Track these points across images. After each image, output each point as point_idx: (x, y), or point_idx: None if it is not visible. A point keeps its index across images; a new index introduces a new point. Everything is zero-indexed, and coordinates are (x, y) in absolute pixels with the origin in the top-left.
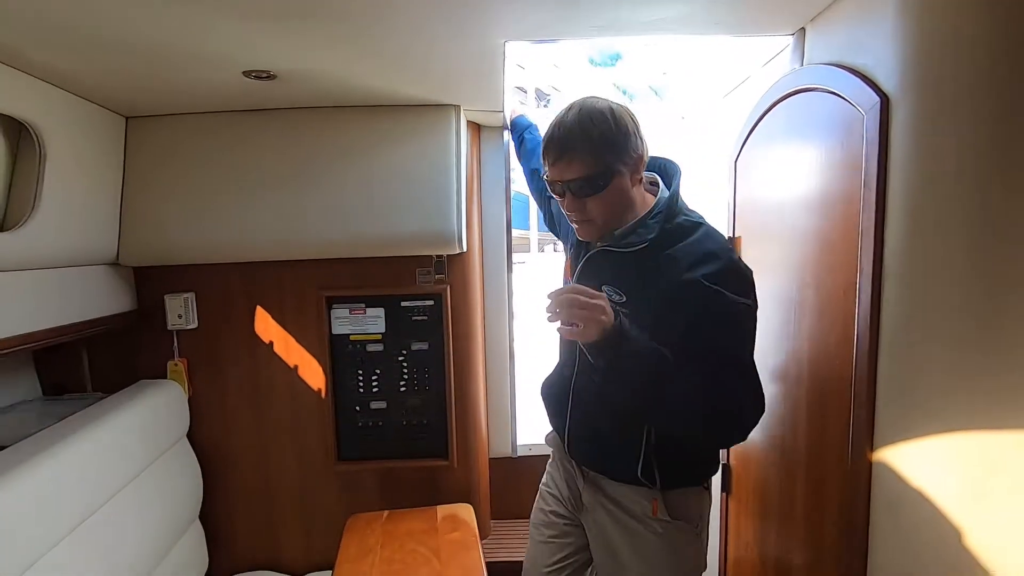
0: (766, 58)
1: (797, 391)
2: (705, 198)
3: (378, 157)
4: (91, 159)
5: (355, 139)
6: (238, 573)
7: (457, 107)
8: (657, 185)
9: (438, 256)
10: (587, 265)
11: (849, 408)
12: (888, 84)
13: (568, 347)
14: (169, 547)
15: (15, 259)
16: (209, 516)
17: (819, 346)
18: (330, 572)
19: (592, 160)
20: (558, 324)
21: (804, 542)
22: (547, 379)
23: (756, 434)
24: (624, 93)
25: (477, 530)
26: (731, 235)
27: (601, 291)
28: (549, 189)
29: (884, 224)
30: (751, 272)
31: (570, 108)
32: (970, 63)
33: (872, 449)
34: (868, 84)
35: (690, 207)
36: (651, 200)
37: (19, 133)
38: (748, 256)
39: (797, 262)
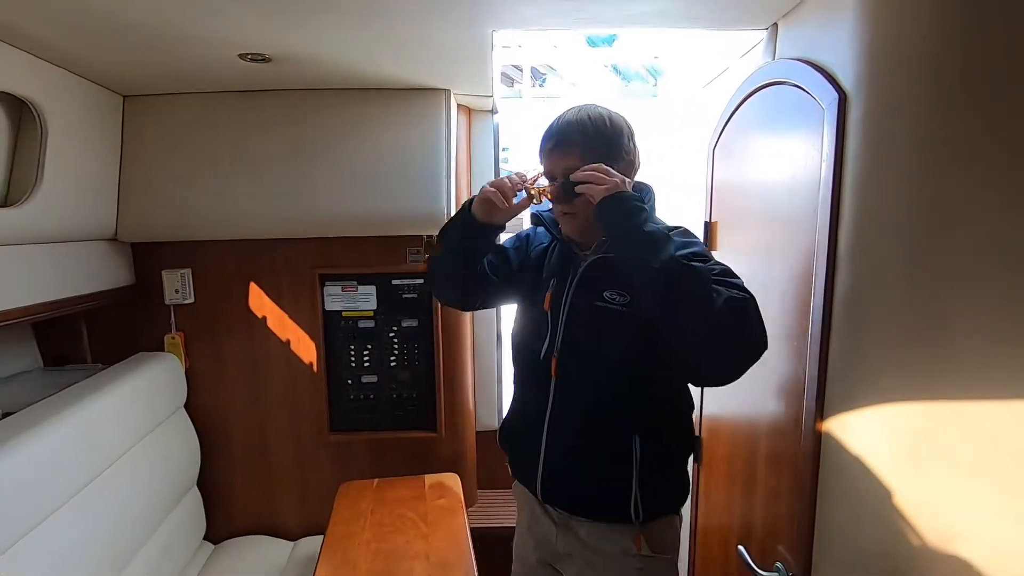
0: (743, 51)
1: (763, 368)
2: (685, 186)
3: (370, 139)
4: (90, 137)
5: (348, 121)
6: (235, 536)
7: (447, 91)
8: None
9: (428, 236)
10: (582, 280)
11: (803, 383)
12: (847, 81)
13: (538, 381)
14: (168, 511)
15: (18, 233)
16: (207, 483)
17: (782, 324)
18: (323, 536)
19: (586, 152)
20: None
21: (764, 504)
22: (508, 423)
23: (727, 408)
24: (619, 73)
25: (463, 497)
26: (707, 219)
27: (603, 298)
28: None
29: (839, 213)
30: None
31: (571, 108)
32: (918, 66)
33: (822, 420)
34: (829, 80)
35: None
36: None
37: (20, 112)
38: (723, 240)
39: (766, 246)
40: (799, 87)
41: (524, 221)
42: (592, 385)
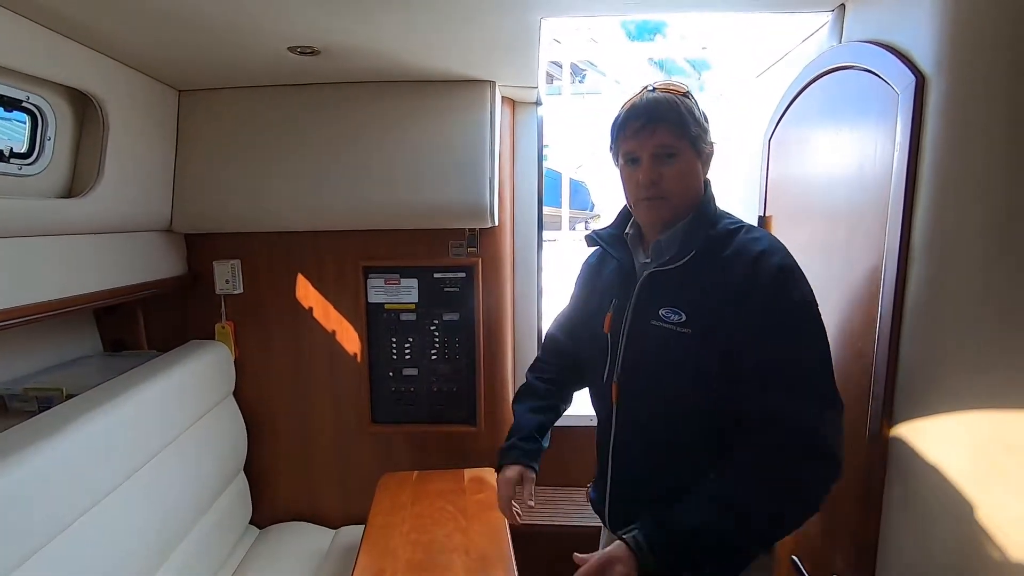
0: (802, 36)
1: None
2: (736, 181)
3: (415, 132)
4: (148, 131)
5: (393, 114)
6: (279, 522)
7: (492, 83)
8: None
9: (471, 229)
10: (638, 296)
11: (870, 384)
12: (925, 63)
13: (602, 406)
14: (216, 495)
15: (82, 223)
16: (253, 469)
17: (843, 324)
18: (364, 526)
19: (679, 130)
20: None
21: (821, 513)
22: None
23: None
24: (661, 68)
25: None
26: (762, 214)
27: (659, 316)
28: (622, 160)
29: (913, 207)
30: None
31: (648, 89)
32: (1007, 44)
33: (891, 425)
34: (905, 63)
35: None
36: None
37: (84, 108)
38: (778, 236)
39: (826, 242)
40: (870, 71)
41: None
42: (654, 417)
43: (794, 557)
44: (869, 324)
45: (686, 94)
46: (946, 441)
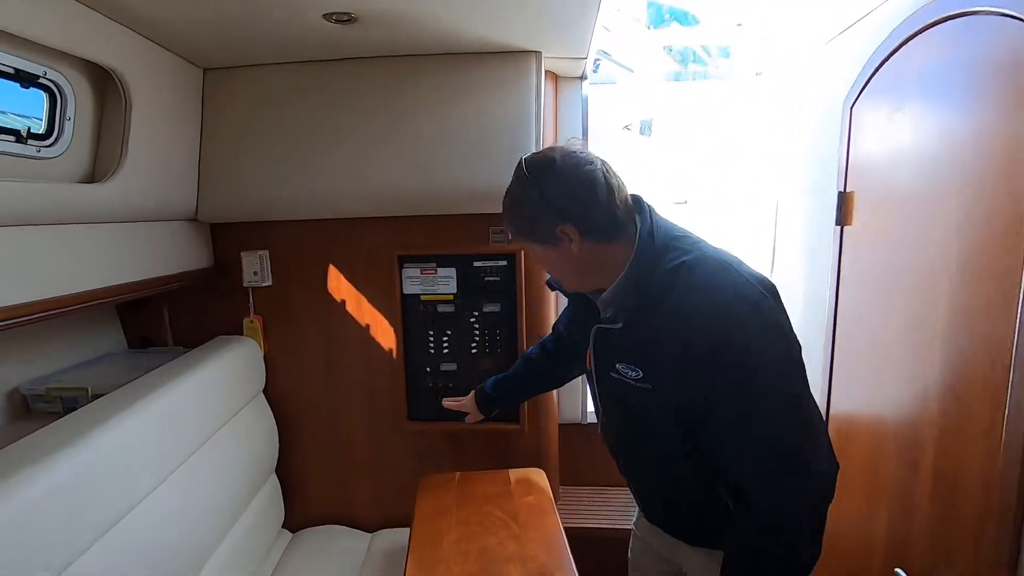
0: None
1: (926, 365)
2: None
3: (454, 109)
4: (171, 112)
5: (431, 90)
6: (312, 526)
7: (538, 54)
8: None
9: None
10: (595, 346)
11: (1000, 380)
12: None
13: (605, 432)
14: (250, 498)
15: (104, 211)
16: (285, 470)
17: (959, 307)
18: (401, 529)
19: (515, 233)
20: None
21: (931, 524)
22: None
23: (870, 408)
24: (677, 56)
25: (552, 496)
26: (842, 190)
27: (617, 370)
28: None
29: None
30: (764, 293)
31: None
32: None
33: None
34: None
35: (673, 231)
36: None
37: (104, 87)
38: (861, 217)
39: (935, 216)
40: (1007, 15)
41: None
42: (646, 454)
43: (899, 571)
44: (997, 307)
45: (514, 187)
46: None
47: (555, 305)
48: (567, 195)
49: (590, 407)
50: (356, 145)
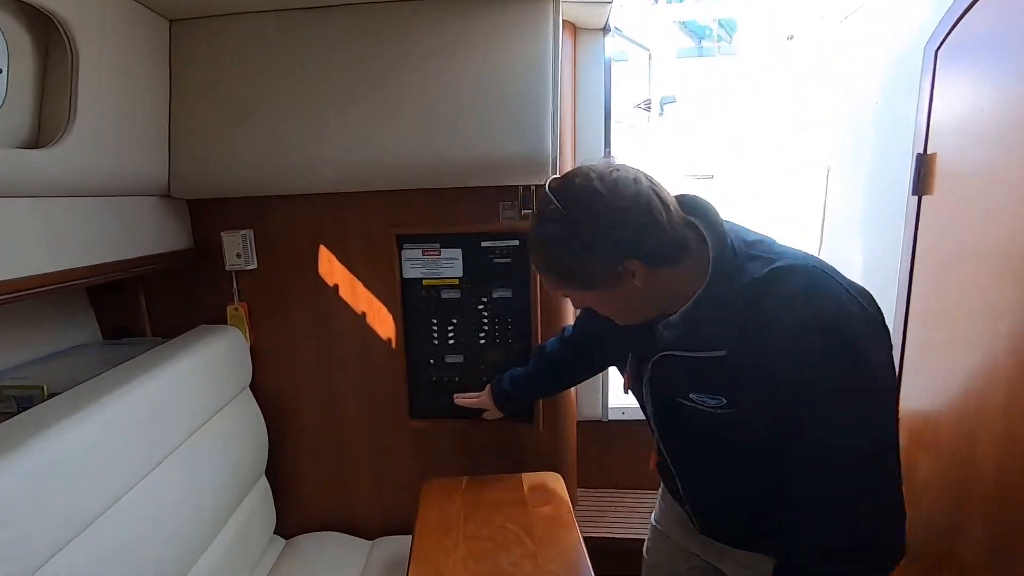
0: None
1: None
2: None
3: (458, 65)
4: (132, 68)
5: (431, 43)
6: (307, 531)
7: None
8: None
9: (525, 187)
10: (656, 374)
11: None
12: None
13: (658, 446)
14: (236, 503)
15: (54, 182)
16: (275, 472)
17: None
18: (403, 537)
19: (556, 281)
20: None
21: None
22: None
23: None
24: (686, 28)
25: (571, 504)
26: (921, 151)
27: (689, 398)
28: None
29: None
30: (865, 303)
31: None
32: None
33: None
34: None
35: (745, 235)
36: (703, 266)
37: (47, 38)
38: (945, 181)
39: None
40: None
41: None
42: (717, 475)
43: None
44: None
45: (554, 218)
46: None
47: None
48: (624, 226)
49: (612, 403)
50: (349, 109)
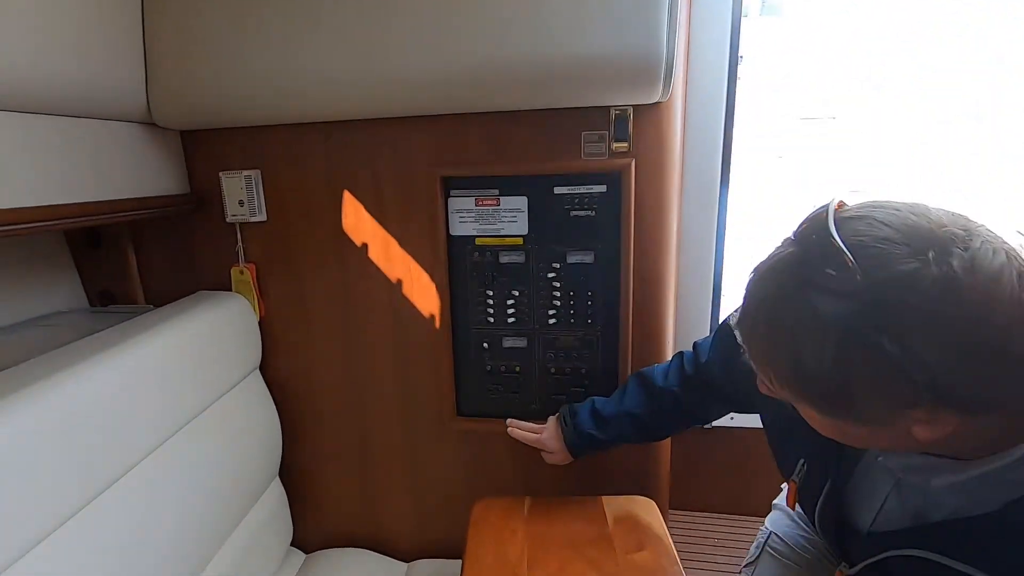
0: None
1: None
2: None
3: None
4: None
5: None
6: (331, 546)
7: None
8: None
9: (620, 109)
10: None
11: None
12: None
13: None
14: (245, 510)
15: None
16: (291, 474)
17: None
18: (448, 562)
19: (793, 387)
20: None
21: None
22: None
23: None
24: None
25: (671, 545)
26: None
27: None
28: None
29: None
30: None
31: (762, 282)
32: None
33: None
34: None
35: None
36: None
37: None
38: None
39: None
40: None
41: None
42: None
43: None
44: None
45: (832, 290)
46: None
47: (676, 256)
48: (965, 353)
49: None
50: (377, 5)
